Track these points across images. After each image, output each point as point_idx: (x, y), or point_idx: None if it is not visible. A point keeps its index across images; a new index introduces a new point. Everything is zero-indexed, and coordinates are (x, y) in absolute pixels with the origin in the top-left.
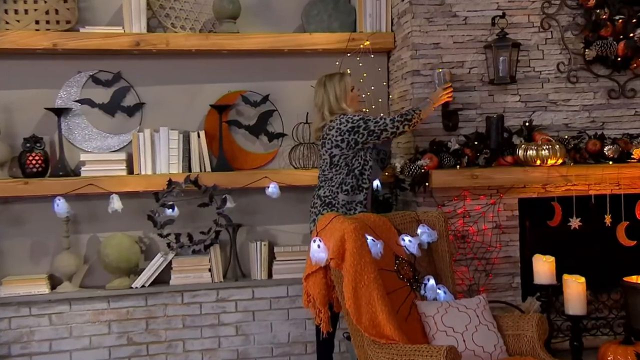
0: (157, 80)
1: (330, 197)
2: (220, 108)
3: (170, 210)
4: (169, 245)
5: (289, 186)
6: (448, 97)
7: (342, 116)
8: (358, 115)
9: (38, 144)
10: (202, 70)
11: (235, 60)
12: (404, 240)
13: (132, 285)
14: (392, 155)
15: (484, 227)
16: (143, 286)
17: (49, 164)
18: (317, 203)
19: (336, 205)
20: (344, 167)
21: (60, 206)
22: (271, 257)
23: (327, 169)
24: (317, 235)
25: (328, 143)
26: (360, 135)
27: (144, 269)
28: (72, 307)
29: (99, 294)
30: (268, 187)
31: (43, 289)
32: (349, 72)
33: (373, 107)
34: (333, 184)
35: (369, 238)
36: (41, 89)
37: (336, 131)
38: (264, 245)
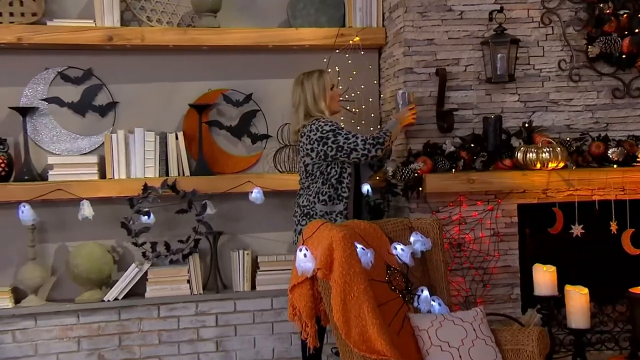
0: (131, 77)
1: (308, 207)
2: (199, 108)
3: (146, 217)
4: (144, 254)
5: (274, 191)
6: (413, 118)
7: (313, 122)
8: (330, 125)
9: (1, 146)
10: (180, 67)
11: (216, 56)
12: (396, 248)
13: (104, 298)
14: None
15: (481, 234)
16: (116, 299)
17: (13, 167)
18: (297, 212)
19: (314, 216)
20: (319, 176)
21: (26, 213)
22: (254, 267)
23: (304, 178)
24: (303, 244)
25: (301, 151)
26: (329, 149)
27: (117, 280)
28: (37, 322)
29: (68, 308)
30: (251, 192)
31: (6, 303)
32: (337, 69)
33: (363, 107)
34: (310, 192)
35: (359, 247)
36: (4, 87)
37: (306, 139)
38: (247, 254)
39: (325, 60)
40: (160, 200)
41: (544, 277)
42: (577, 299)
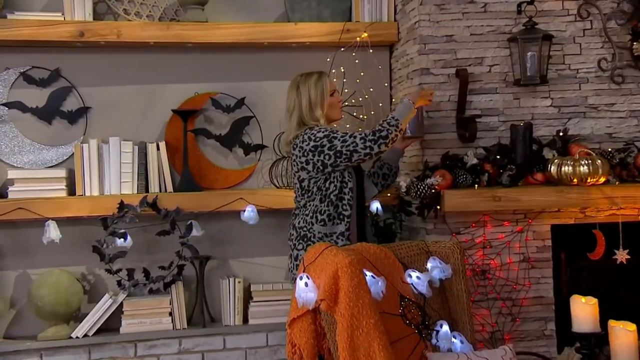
0: (105, 79)
1: (305, 229)
2: (184, 114)
3: (122, 240)
4: (119, 283)
5: (270, 210)
6: (429, 99)
7: (305, 132)
8: (323, 131)
9: None
10: (162, 67)
11: (203, 55)
12: (411, 276)
13: (72, 335)
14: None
15: (508, 260)
16: (86, 335)
17: None
18: (292, 235)
19: (312, 238)
20: (317, 192)
21: None
22: (247, 297)
23: (299, 195)
24: (304, 271)
25: (294, 165)
26: (327, 157)
27: (88, 313)
28: None
29: (29, 347)
30: (244, 210)
31: None
32: (342, 70)
33: (372, 112)
34: (307, 212)
35: (368, 274)
36: None
37: (299, 151)
38: (239, 282)
39: (328, 59)
40: (138, 220)
41: (584, 310)
42: (623, 336)
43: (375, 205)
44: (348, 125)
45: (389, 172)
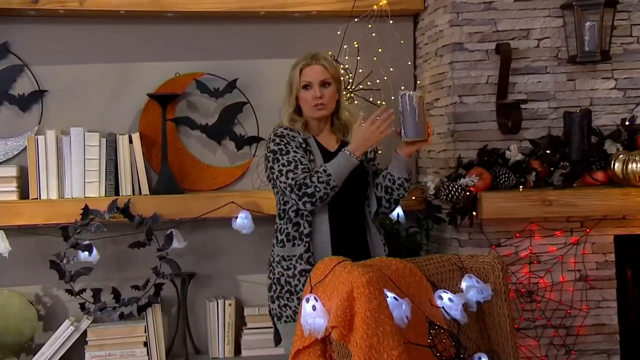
0: (65, 56)
1: (271, 252)
2: (163, 99)
3: (87, 253)
4: (83, 307)
5: (267, 216)
6: (380, 132)
7: (272, 131)
8: (276, 142)
9: None
10: (135, 42)
11: (187, 27)
12: (442, 298)
13: None
14: (409, 178)
15: (561, 278)
16: None
17: None
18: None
19: (272, 263)
20: (278, 206)
21: None
22: (240, 322)
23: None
24: (311, 292)
25: None
26: (268, 174)
27: (43, 344)
28: None
29: None
30: (236, 217)
31: None
32: (355, 45)
33: (392, 97)
34: (275, 230)
35: (390, 295)
36: None
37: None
38: (229, 305)
39: (339, 33)
40: (106, 229)
41: None
42: None
43: (396, 211)
44: (363, 113)
45: (392, 185)
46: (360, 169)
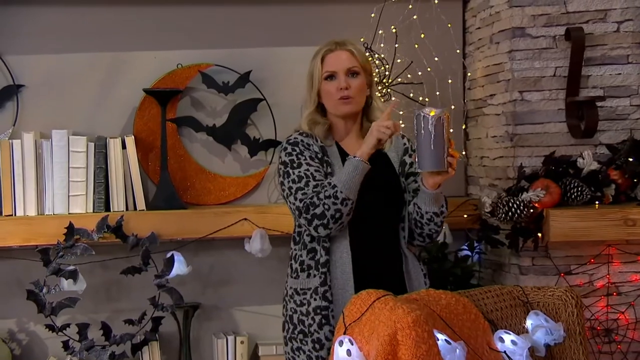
0: (45, 45)
1: (285, 283)
2: (162, 96)
3: (71, 280)
4: (66, 345)
5: (286, 235)
6: (387, 128)
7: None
8: (288, 152)
9: None
10: (128, 27)
11: (190, 9)
12: (503, 341)
13: None
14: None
15: None
16: None
17: None
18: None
19: (285, 297)
20: (294, 229)
21: None
22: None
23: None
24: (344, 333)
25: None
26: (280, 187)
27: None
28: None
29: None
30: (249, 237)
31: None
32: (393, 30)
33: (437, 93)
34: (290, 257)
35: (441, 338)
36: None
37: None
38: (241, 342)
39: (373, 15)
40: (95, 252)
41: None
42: None
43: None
44: (402, 112)
45: (420, 220)
46: (392, 184)
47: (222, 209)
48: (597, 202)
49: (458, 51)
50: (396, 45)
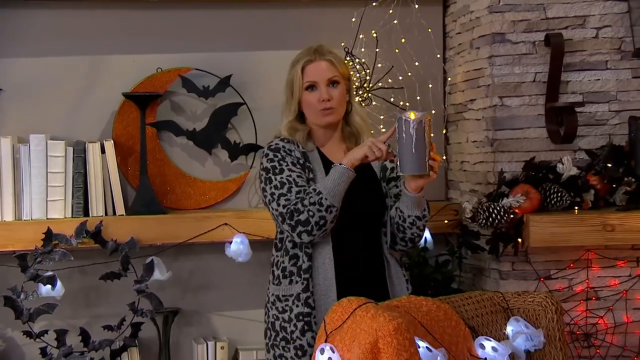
0: (22, 47)
1: (267, 290)
2: (142, 100)
3: (49, 286)
4: (44, 352)
5: (267, 240)
6: (377, 149)
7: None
8: (269, 158)
9: None
10: (109, 30)
11: (170, 12)
12: (483, 347)
13: None
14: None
15: (625, 318)
16: None
17: None
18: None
19: (267, 304)
20: (275, 235)
21: None
22: None
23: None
24: (326, 341)
25: None
26: (261, 193)
27: None
28: None
29: None
30: (230, 242)
31: None
32: (373, 35)
33: (418, 98)
34: (271, 263)
35: (422, 345)
36: None
37: None
38: (221, 347)
39: (353, 19)
40: (74, 257)
41: None
42: None
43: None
44: (382, 117)
45: (403, 223)
46: (375, 189)
47: (203, 213)
48: (576, 208)
49: (438, 56)
50: (377, 50)
